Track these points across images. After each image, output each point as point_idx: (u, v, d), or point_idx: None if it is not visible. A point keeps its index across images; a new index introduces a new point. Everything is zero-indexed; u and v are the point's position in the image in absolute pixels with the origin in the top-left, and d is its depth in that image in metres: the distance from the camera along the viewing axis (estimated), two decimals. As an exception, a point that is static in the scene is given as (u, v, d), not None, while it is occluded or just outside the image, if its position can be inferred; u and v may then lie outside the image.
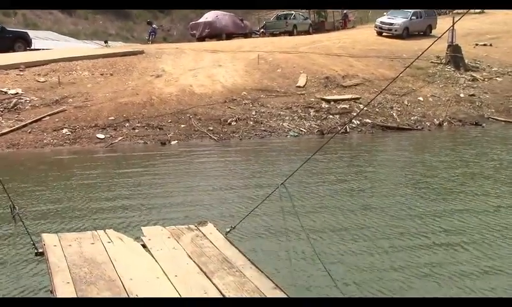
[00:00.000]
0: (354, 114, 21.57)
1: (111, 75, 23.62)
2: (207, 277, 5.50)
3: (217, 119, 20.05)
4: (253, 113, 20.77)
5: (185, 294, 5.16)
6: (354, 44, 30.99)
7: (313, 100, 22.45)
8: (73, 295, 5.03)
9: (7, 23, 46.94)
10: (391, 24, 34.75)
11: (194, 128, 19.30)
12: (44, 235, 6.47)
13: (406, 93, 24.07)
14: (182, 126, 19.40)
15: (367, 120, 21.28)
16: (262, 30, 41.92)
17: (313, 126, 20.32)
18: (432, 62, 27.77)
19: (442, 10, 41.22)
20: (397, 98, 23.40)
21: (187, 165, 15.63)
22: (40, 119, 18.76)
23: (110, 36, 62.22)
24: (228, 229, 6.88)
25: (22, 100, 20.19)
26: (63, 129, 18.37)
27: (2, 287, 7.68)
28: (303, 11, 42.60)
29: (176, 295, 5.15)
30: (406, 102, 23.25)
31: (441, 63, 27.77)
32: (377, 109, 22.25)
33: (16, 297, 7.31)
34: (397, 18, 35.03)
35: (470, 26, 34.60)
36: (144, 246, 6.30)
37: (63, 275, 5.38)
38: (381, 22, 35.42)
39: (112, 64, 24.87)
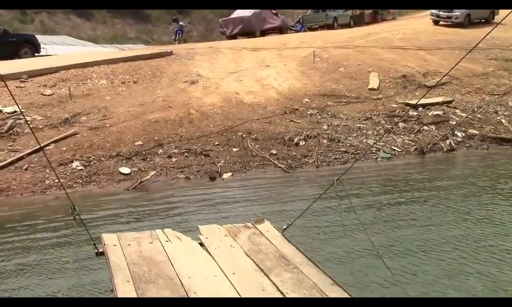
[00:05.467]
0: (452, 122, 15.64)
1: (135, 83, 17.79)
2: (265, 274, 4.89)
3: (280, 137, 14.00)
4: (325, 127, 14.73)
5: (243, 291, 4.56)
6: (417, 35, 24.92)
7: (395, 106, 16.41)
8: (133, 294, 4.48)
9: (24, 30, 41.28)
10: (451, 12, 28.54)
11: (252, 152, 13.32)
12: (104, 235, 5.74)
13: (506, 91, 17.97)
14: (235, 150, 13.37)
15: (473, 131, 15.19)
16: (297, 24, 35.66)
17: (407, 143, 14.27)
18: (519, 52, 21.74)
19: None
20: (498, 100, 17.33)
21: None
22: (42, 149, 12.96)
23: (130, 39, 57.09)
24: (285, 227, 6.01)
25: (20, 121, 14.39)
26: (72, 162, 12.44)
27: (64, 287, 6.69)
28: (343, 2, 36.39)
29: (234, 293, 4.54)
30: (511, 104, 17.19)
31: (531, 53, 21.69)
32: (479, 115, 16.19)
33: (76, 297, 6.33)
34: (456, 5, 28.77)
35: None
36: (201, 244, 5.58)
37: (123, 274, 4.84)
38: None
39: (135, 69, 19.01)
